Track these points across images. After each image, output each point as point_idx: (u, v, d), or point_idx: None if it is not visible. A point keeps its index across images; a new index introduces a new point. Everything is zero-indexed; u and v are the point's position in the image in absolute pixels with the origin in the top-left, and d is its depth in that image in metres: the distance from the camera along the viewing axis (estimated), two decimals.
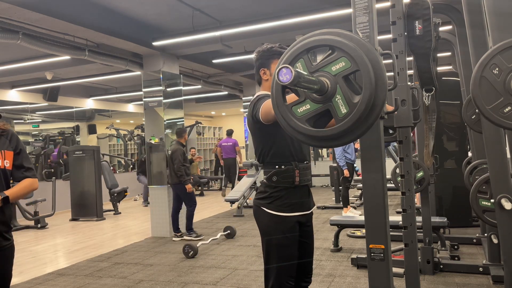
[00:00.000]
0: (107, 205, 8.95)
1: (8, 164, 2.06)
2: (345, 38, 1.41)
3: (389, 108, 1.93)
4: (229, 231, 5.87)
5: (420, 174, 4.08)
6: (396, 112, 2.05)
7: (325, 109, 1.42)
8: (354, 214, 6.52)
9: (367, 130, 1.42)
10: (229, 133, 11.08)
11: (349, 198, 7.06)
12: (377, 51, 1.51)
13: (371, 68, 1.35)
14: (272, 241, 2.08)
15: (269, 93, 1.91)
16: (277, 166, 2.09)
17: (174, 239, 5.97)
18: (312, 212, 2.24)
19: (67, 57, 6.22)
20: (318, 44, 1.43)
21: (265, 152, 2.13)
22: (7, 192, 2.01)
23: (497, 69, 1.66)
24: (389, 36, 2.22)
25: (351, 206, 6.86)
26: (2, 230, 2.02)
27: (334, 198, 8.21)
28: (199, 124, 14.36)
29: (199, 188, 11.25)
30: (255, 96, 2.17)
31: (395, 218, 4.35)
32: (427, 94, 2.52)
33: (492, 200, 2.85)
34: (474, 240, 4.68)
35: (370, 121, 1.39)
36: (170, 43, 5.91)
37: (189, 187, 5.73)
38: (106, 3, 4.86)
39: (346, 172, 6.59)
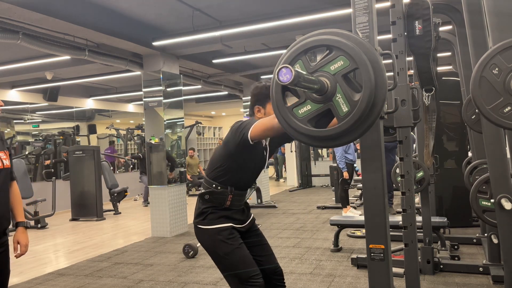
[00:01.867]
0: (107, 205, 8.94)
1: (8, 163, 2.11)
2: (343, 37, 1.41)
3: None
4: None
5: (420, 174, 4.08)
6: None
7: (326, 109, 1.42)
8: (354, 214, 6.52)
9: (368, 129, 1.42)
10: None
11: (349, 198, 7.06)
12: (376, 51, 1.51)
13: (370, 65, 1.35)
14: (219, 253, 2.11)
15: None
16: (213, 185, 2.14)
17: None
18: (251, 222, 2.29)
19: (67, 57, 6.22)
20: (315, 44, 1.43)
21: (218, 170, 2.15)
22: (20, 218, 2.22)
23: (497, 69, 1.66)
24: (389, 36, 2.23)
25: (351, 206, 6.87)
26: (6, 226, 2.07)
27: (334, 198, 8.21)
28: (199, 124, 14.36)
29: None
30: (240, 121, 2.16)
31: (395, 218, 4.36)
32: (427, 94, 2.53)
33: (492, 200, 2.85)
34: (474, 240, 4.68)
35: (371, 119, 1.39)
36: (170, 43, 5.91)
37: None
38: (106, 3, 4.86)
39: (346, 174, 6.61)
